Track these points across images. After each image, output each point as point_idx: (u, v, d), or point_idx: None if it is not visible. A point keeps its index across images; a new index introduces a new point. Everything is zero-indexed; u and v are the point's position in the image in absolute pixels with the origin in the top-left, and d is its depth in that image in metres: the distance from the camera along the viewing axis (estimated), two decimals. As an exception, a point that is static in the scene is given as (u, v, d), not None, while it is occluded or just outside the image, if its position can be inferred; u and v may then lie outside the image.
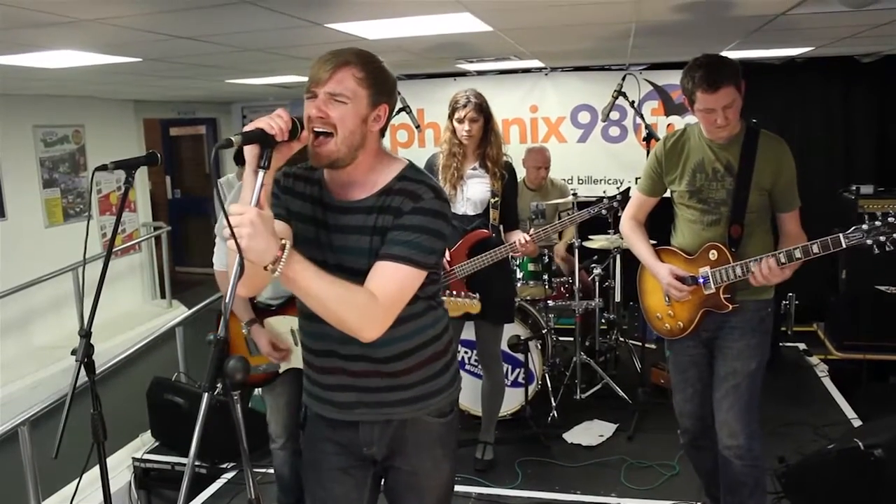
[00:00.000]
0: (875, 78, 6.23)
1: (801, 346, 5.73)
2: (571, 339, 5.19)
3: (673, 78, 6.46)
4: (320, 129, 1.70)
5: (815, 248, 2.53)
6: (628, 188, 3.75)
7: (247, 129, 1.57)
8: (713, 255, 2.76)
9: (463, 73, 6.77)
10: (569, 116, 6.91)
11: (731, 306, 2.74)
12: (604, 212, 3.87)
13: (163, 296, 8.57)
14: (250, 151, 1.60)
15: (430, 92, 6.80)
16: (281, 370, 3.14)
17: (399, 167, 1.85)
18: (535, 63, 6.27)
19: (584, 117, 6.88)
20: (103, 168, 2.33)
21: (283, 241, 1.56)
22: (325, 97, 1.70)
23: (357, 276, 1.73)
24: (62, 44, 3.56)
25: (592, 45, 4.89)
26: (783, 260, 2.58)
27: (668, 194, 2.99)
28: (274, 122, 1.58)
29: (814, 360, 5.46)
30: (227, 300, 1.55)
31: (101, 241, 7.68)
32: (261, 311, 3.12)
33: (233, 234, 1.47)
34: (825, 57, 6.07)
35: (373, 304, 1.68)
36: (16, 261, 6.53)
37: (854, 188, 5.46)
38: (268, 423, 3.28)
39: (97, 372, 2.33)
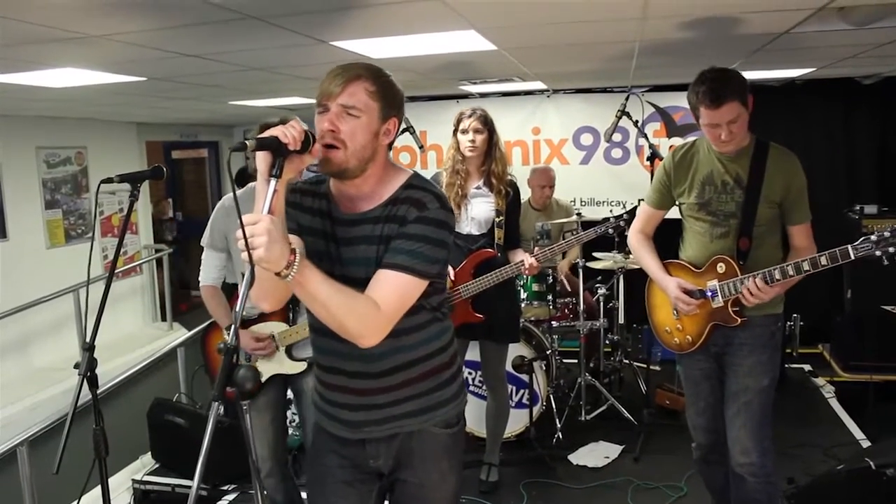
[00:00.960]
0: (876, 99, 6.25)
1: (807, 367, 5.70)
2: (575, 360, 5.17)
3: (675, 100, 6.50)
4: (330, 143, 1.71)
5: (824, 260, 2.51)
6: (635, 207, 3.75)
7: (261, 136, 1.58)
8: (721, 267, 2.75)
9: (465, 96, 6.81)
10: (571, 138, 6.94)
11: (739, 320, 2.73)
12: (611, 231, 3.85)
13: (163, 318, 8.54)
14: (263, 159, 1.61)
15: (432, 114, 6.83)
16: (264, 378, 3.08)
17: (404, 177, 1.87)
18: (538, 85, 6.29)
19: (586, 139, 6.90)
20: (109, 181, 2.32)
21: (293, 246, 1.58)
22: (337, 110, 1.72)
23: (364, 286, 1.74)
24: (68, 61, 3.57)
25: (596, 66, 4.91)
26: (791, 272, 2.56)
27: (671, 215, 2.99)
28: (288, 132, 1.60)
29: (820, 381, 5.42)
30: (238, 308, 1.56)
31: (102, 262, 7.66)
32: (243, 322, 3.09)
33: (247, 245, 1.49)
34: (825, 79, 6.11)
35: (374, 311, 1.70)
36: (16, 282, 6.50)
37: (858, 208, 5.47)
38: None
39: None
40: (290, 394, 3.27)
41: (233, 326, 1.55)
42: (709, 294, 2.76)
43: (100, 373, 2.25)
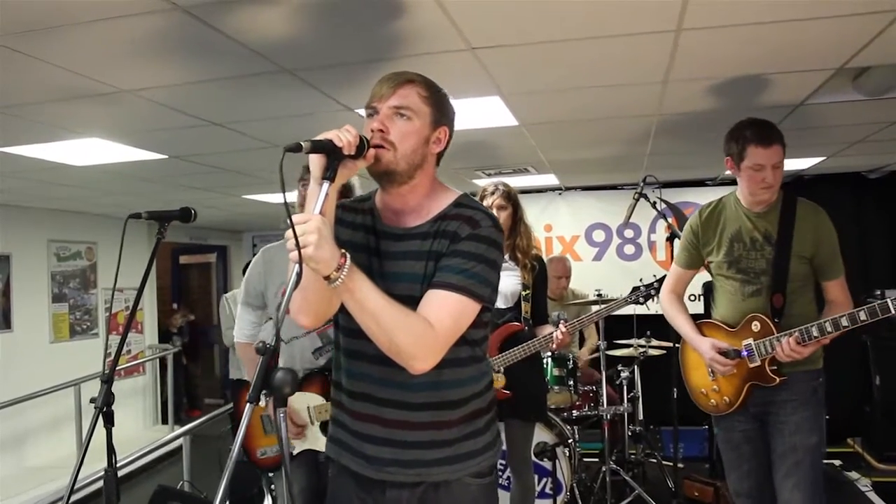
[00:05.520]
0: (883, 191, 6.38)
1: (837, 462, 5.47)
2: (595, 459, 4.99)
3: (684, 195, 6.61)
4: (379, 144, 1.68)
5: (863, 315, 2.45)
6: (663, 276, 3.71)
7: (316, 138, 1.56)
8: (756, 326, 2.68)
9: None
10: (583, 235, 7.01)
11: (778, 379, 2.62)
12: (641, 300, 3.79)
13: (164, 421, 8.28)
14: (316, 162, 1.58)
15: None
16: (296, 451, 2.94)
17: (454, 195, 1.82)
18: (551, 180, 6.39)
19: (598, 236, 6.96)
20: (137, 216, 2.30)
21: (343, 250, 1.53)
22: (388, 112, 1.69)
23: (408, 303, 1.65)
24: (93, 126, 3.60)
25: (612, 151, 4.98)
26: (829, 329, 2.49)
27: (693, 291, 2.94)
28: (343, 135, 1.57)
29: (854, 475, 5.19)
30: (281, 311, 1.49)
31: (104, 360, 7.49)
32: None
33: (297, 243, 1.45)
34: (833, 173, 6.21)
35: (429, 331, 1.61)
36: (17, 375, 6.32)
37: (878, 293, 5.41)
38: None
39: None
40: None
41: (274, 329, 1.48)
42: (745, 354, 2.68)
43: (94, 471, 2.11)
